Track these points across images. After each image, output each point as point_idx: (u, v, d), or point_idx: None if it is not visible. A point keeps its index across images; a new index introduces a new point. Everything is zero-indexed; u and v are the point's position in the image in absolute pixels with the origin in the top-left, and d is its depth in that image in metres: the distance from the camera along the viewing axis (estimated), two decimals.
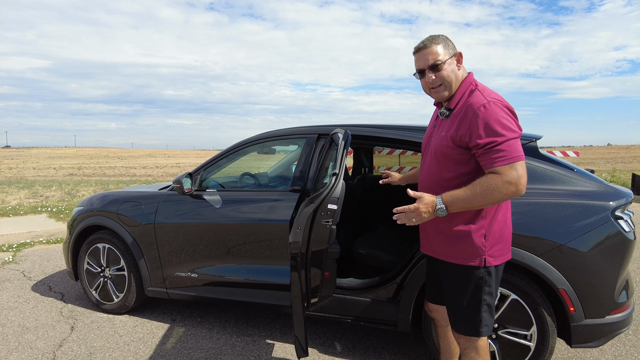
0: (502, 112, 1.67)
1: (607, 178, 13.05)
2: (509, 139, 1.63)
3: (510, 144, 1.63)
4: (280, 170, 3.97)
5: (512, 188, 1.60)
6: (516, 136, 1.65)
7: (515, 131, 1.65)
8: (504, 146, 1.62)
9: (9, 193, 12.87)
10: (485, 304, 1.79)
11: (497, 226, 1.76)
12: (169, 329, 3.23)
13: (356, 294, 2.72)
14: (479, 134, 1.65)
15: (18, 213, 8.63)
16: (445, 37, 1.82)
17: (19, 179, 22.77)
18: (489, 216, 1.75)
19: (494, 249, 1.76)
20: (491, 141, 1.63)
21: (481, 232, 1.75)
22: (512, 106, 1.72)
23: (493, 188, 1.61)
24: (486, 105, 1.68)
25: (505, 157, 1.62)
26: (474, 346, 1.84)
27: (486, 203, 1.65)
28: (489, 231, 1.75)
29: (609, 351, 2.82)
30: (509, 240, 1.83)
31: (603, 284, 2.26)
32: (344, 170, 2.25)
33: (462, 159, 1.74)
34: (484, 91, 1.74)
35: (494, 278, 1.79)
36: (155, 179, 23.12)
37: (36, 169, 37.49)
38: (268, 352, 2.86)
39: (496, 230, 1.76)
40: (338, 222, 2.12)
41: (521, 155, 1.63)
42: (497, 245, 1.77)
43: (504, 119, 1.65)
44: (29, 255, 5.41)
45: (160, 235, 3.20)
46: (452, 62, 1.80)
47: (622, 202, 2.31)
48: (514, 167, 1.61)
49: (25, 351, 2.88)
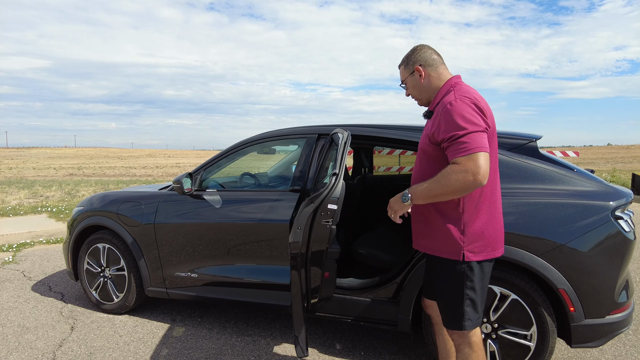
0: (467, 107, 1.74)
1: (607, 178, 13.06)
2: (470, 131, 1.69)
3: (471, 136, 1.69)
4: (280, 170, 3.97)
5: (470, 177, 1.66)
6: (478, 129, 1.71)
7: (478, 125, 1.71)
8: (465, 138, 1.69)
9: (9, 193, 12.87)
10: (468, 299, 1.83)
11: (477, 223, 1.81)
12: (169, 329, 3.23)
13: (356, 294, 2.72)
14: (444, 129, 1.75)
15: (18, 213, 8.63)
16: (408, 55, 2.00)
17: (19, 179, 22.78)
18: (467, 212, 1.80)
19: (473, 245, 1.80)
20: (453, 134, 1.71)
21: (459, 227, 1.81)
22: (485, 103, 1.80)
23: (451, 177, 1.69)
24: (453, 102, 1.77)
25: (465, 148, 1.68)
26: (466, 342, 1.88)
27: (449, 191, 1.71)
28: (468, 227, 1.80)
29: (609, 351, 2.82)
30: (494, 240, 1.85)
31: (603, 284, 2.26)
32: (344, 170, 2.25)
33: (438, 155, 1.83)
34: (458, 91, 1.82)
35: (476, 274, 1.83)
36: (155, 179, 23.12)
37: (36, 169, 37.49)
38: (268, 352, 2.86)
39: (476, 228, 1.81)
40: (338, 222, 2.12)
41: (482, 147, 1.68)
42: (477, 242, 1.81)
43: (468, 113, 1.72)
44: (29, 255, 5.41)
45: (160, 235, 3.20)
46: (412, 79, 1.98)
47: (622, 202, 2.32)
48: (472, 158, 1.66)
49: (25, 351, 2.88)
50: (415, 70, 1.96)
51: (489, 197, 1.83)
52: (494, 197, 1.86)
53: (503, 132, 2.69)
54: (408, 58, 1.99)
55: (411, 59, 1.98)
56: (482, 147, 1.68)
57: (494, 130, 1.84)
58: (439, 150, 1.82)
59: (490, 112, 1.83)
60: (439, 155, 1.82)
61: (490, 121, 1.80)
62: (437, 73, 1.95)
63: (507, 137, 2.64)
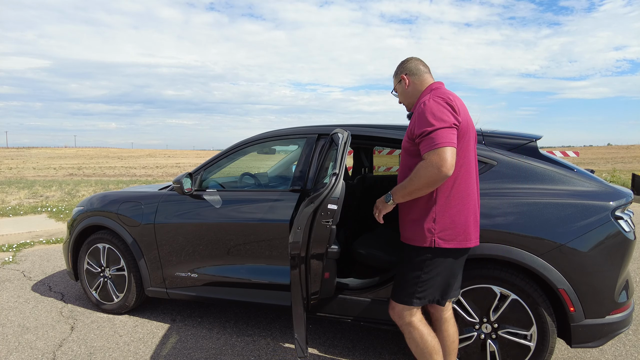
0: (438, 106, 1.90)
1: (607, 178, 13.05)
2: (438, 128, 1.84)
3: (438, 132, 1.84)
4: (280, 170, 3.97)
5: (435, 170, 1.81)
6: (446, 126, 1.85)
7: (446, 121, 1.86)
8: (432, 134, 1.85)
9: (9, 193, 12.87)
10: (422, 281, 2.00)
11: (449, 214, 1.95)
12: (169, 329, 3.23)
13: (356, 294, 2.72)
14: (417, 126, 1.92)
15: (18, 213, 8.63)
16: (397, 66, 2.24)
17: (19, 179, 22.78)
18: (439, 203, 1.95)
19: (444, 233, 1.95)
20: (423, 130, 1.88)
21: (432, 217, 1.96)
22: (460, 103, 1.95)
23: (421, 172, 1.86)
24: (426, 101, 1.95)
25: (432, 144, 1.84)
26: (406, 322, 2.07)
27: (420, 186, 1.88)
28: (439, 217, 1.95)
29: (609, 351, 2.82)
30: (465, 230, 1.97)
31: (603, 284, 2.26)
32: (344, 170, 2.26)
33: (417, 151, 1.96)
34: (434, 92, 2.00)
35: (444, 260, 1.99)
36: (155, 179, 23.12)
37: (36, 169, 37.49)
38: (268, 352, 2.86)
39: (447, 217, 1.95)
40: (338, 222, 2.12)
41: (448, 142, 1.82)
42: (448, 231, 1.95)
43: (439, 111, 1.88)
44: (29, 255, 5.41)
45: (160, 235, 3.20)
46: (400, 87, 2.21)
47: (622, 202, 2.32)
48: (437, 152, 1.82)
49: (25, 351, 2.88)
50: (401, 78, 2.19)
51: (462, 189, 1.97)
52: (467, 189, 1.98)
53: (503, 132, 2.69)
54: (397, 69, 2.24)
55: (399, 70, 2.22)
56: (447, 142, 1.82)
57: (468, 128, 1.98)
58: (416, 146, 1.95)
59: (465, 111, 1.99)
60: (418, 152, 1.95)
61: (464, 119, 1.94)
62: (420, 81, 2.15)
63: (507, 137, 2.64)
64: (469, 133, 1.98)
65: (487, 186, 2.44)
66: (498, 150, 2.56)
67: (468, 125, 1.98)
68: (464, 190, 1.97)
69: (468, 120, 1.99)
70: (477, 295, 2.40)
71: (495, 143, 2.62)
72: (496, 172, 2.48)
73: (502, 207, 2.37)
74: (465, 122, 1.95)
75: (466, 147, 1.97)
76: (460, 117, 1.91)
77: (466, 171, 1.98)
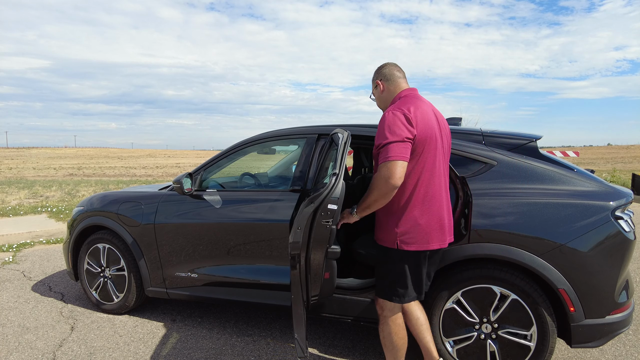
0: (394, 119, 2.01)
1: (607, 178, 13.05)
2: (390, 141, 1.97)
3: (390, 146, 1.97)
4: (280, 171, 3.97)
5: (383, 182, 1.96)
6: (398, 140, 1.97)
7: (399, 135, 1.97)
8: (385, 148, 1.98)
9: (9, 193, 12.87)
10: (395, 279, 2.15)
11: (408, 218, 2.07)
12: (169, 329, 3.23)
13: (356, 294, 2.72)
14: (376, 137, 2.06)
15: (18, 213, 8.63)
16: (375, 71, 2.35)
17: (19, 179, 22.78)
18: (400, 209, 2.08)
19: (405, 236, 2.07)
20: (379, 143, 2.02)
21: (395, 221, 2.09)
22: (421, 114, 2.03)
23: (374, 184, 2.01)
24: (385, 114, 2.07)
25: (384, 157, 1.98)
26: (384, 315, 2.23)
27: (375, 198, 2.02)
28: (401, 222, 2.08)
29: (609, 351, 2.82)
30: (426, 233, 2.08)
31: (603, 284, 2.26)
32: (344, 170, 2.26)
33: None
34: (398, 103, 2.12)
35: (407, 261, 2.11)
36: (155, 179, 23.12)
37: (36, 169, 37.48)
38: (268, 352, 2.86)
39: (407, 222, 2.07)
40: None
41: (398, 156, 1.95)
42: (409, 234, 2.07)
43: (394, 124, 2.00)
44: (29, 255, 5.41)
45: (160, 236, 3.20)
46: (376, 92, 2.34)
47: (622, 202, 2.32)
48: (387, 165, 1.95)
49: (25, 351, 2.88)
50: (377, 84, 2.32)
51: (421, 196, 2.07)
52: (427, 196, 2.08)
53: (503, 132, 2.70)
54: (374, 74, 2.35)
55: (375, 75, 2.34)
56: (397, 156, 1.95)
57: (431, 136, 2.06)
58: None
59: (428, 121, 2.06)
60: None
61: (423, 129, 2.02)
62: (394, 86, 2.27)
63: (507, 137, 2.64)
64: (432, 141, 2.07)
65: (487, 186, 2.45)
66: (498, 150, 2.56)
67: (430, 133, 2.06)
68: (424, 196, 2.07)
69: (431, 129, 2.07)
70: (477, 295, 2.40)
71: (496, 143, 2.62)
72: (496, 172, 2.48)
73: (502, 207, 2.37)
74: (425, 131, 2.04)
75: (427, 154, 2.06)
76: (418, 129, 2.01)
77: (428, 177, 2.07)
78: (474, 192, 2.43)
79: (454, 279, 2.43)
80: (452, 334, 2.47)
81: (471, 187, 2.45)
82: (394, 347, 2.25)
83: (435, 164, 2.09)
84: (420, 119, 2.03)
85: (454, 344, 2.48)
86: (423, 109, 2.08)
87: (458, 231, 2.39)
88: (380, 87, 2.30)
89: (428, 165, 2.07)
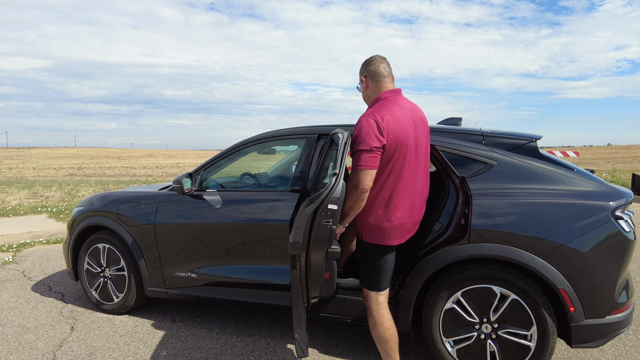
0: (367, 127, 2.09)
1: (607, 178, 13.06)
2: (360, 150, 2.08)
3: (359, 154, 2.09)
4: (280, 171, 3.97)
5: (353, 189, 2.10)
6: (366, 148, 2.07)
7: (368, 144, 2.07)
8: (356, 155, 2.11)
9: (9, 193, 12.87)
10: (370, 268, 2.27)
11: (373, 217, 2.20)
12: (169, 329, 3.23)
13: (356, 294, 2.72)
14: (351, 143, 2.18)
15: (18, 213, 8.63)
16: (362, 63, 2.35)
17: (19, 179, 22.78)
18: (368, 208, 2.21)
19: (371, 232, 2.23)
20: (351, 149, 2.15)
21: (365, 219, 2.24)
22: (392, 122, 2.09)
23: (347, 192, 2.12)
24: (360, 120, 2.16)
25: (355, 164, 2.11)
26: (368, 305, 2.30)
27: (351, 203, 2.13)
28: (368, 219, 2.22)
29: (609, 351, 2.82)
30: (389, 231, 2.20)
31: (603, 284, 2.26)
32: (344, 170, 2.26)
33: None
34: (374, 108, 2.19)
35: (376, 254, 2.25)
36: (155, 179, 23.12)
37: (36, 169, 37.48)
38: (268, 352, 2.86)
39: (373, 220, 2.21)
40: (338, 222, 2.13)
41: (365, 165, 2.07)
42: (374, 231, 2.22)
43: (365, 133, 2.08)
44: (29, 255, 5.41)
45: (160, 236, 3.20)
46: (361, 86, 2.37)
47: (622, 202, 2.32)
48: (355, 173, 2.10)
49: (25, 351, 2.88)
50: (362, 80, 2.34)
51: (386, 198, 2.17)
52: (392, 198, 2.17)
53: (503, 132, 2.70)
54: (361, 67, 2.35)
55: (361, 70, 2.34)
56: (364, 165, 2.07)
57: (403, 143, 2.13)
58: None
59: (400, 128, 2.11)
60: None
61: (395, 136, 2.09)
62: (377, 87, 2.29)
63: (507, 137, 2.64)
64: (402, 147, 2.13)
65: (487, 186, 2.44)
66: (498, 151, 2.56)
67: (402, 140, 2.13)
68: (389, 198, 2.17)
69: (403, 136, 2.13)
70: (477, 295, 2.40)
71: (495, 143, 2.62)
72: (496, 172, 2.48)
73: (502, 207, 2.37)
74: (396, 138, 2.10)
75: (395, 160, 2.14)
76: (388, 137, 2.08)
77: (394, 180, 2.16)
78: (474, 192, 2.43)
79: (454, 279, 2.42)
80: (452, 334, 2.47)
81: (471, 187, 2.45)
82: (381, 339, 2.29)
83: (404, 168, 2.16)
84: (392, 127, 2.10)
85: (454, 344, 2.48)
86: (397, 115, 2.14)
87: (458, 231, 2.39)
88: (365, 84, 2.34)
89: (396, 170, 2.16)
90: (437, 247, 2.48)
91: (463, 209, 2.45)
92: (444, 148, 2.61)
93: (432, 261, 2.46)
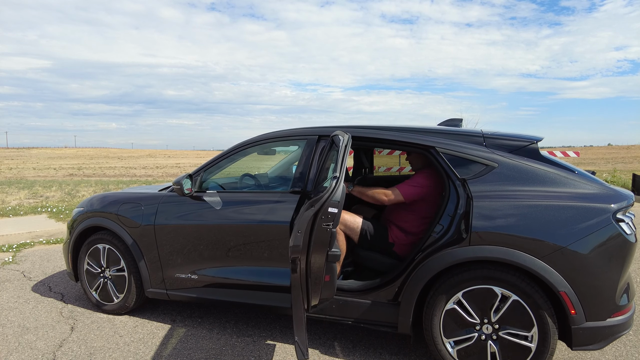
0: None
1: (608, 178, 13.04)
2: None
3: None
4: (281, 172, 3.96)
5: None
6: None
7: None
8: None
9: (9, 193, 12.87)
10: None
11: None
12: (169, 329, 3.23)
13: (357, 296, 2.72)
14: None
15: (18, 213, 8.63)
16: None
17: (19, 179, 22.77)
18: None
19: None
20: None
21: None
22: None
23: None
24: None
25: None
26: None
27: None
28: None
29: (610, 352, 2.82)
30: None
31: (604, 287, 2.26)
32: (344, 172, 2.26)
33: None
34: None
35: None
36: (155, 180, 23.11)
37: (36, 169, 37.47)
38: (268, 353, 2.86)
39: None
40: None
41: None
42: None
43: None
44: (29, 255, 5.40)
45: (160, 237, 3.20)
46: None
47: (623, 204, 2.31)
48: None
49: (25, 351, 2.88)
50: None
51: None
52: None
53: (504, 134, 2.69)
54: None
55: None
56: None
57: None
58: None
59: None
60: None
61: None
62: None
63: (508, 138, 2.64)
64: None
65: (488, 188, 2.44)
66: (499, 152, 2.56)
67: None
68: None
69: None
70: (478, 296, 2.40)
71: (496, 145, 2.62)
72: (497, 174, 2.48)
73: (503, 209, 2.36)
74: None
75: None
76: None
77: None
78: (475, 194, 2.42)
79: (454, 280, 2.42)
80: (453, 335, 2.47)
81: (472, 189, 2.45)
82: None
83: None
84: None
85: (454, 344, 2.47)
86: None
87: (459, 233, 2.39)
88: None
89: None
90: (437, 249, 2.47)
91: (464, 211, 2.45)
92: (444, 150, 2.61)
93: (432, 263, 2.46)
